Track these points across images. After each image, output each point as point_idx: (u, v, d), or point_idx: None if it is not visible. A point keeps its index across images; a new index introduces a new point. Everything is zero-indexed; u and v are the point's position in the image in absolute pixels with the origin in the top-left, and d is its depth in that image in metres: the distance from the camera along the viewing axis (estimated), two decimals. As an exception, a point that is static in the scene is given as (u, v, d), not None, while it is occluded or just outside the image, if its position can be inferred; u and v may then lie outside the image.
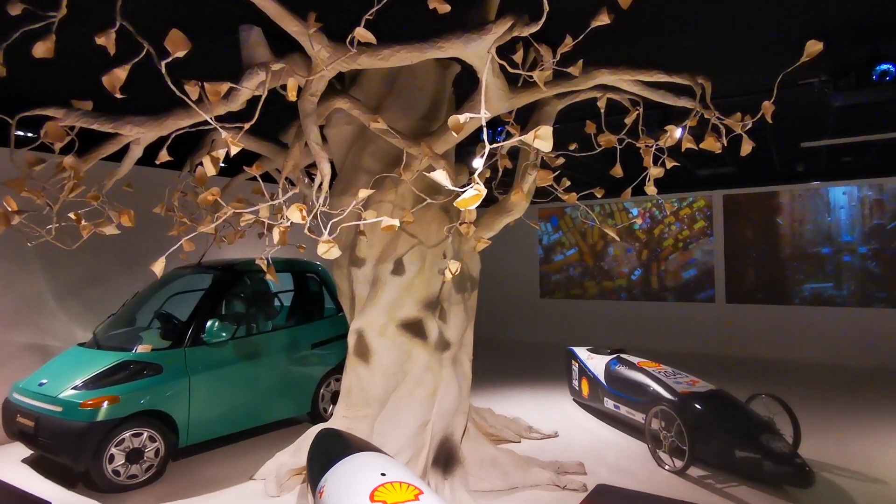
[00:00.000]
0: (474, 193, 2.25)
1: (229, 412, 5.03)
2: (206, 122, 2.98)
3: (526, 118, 4.71)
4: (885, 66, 4.26)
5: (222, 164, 7.47)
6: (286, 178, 4.71)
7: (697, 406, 4.60)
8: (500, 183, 4.81)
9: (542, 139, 2.49)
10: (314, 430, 4.16)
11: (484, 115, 2.60)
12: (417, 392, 4.31)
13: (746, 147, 4.00)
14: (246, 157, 4.13)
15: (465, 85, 4.29)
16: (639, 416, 5.14)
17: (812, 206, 9.65)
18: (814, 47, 3.12)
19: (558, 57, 3.89)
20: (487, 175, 5.01)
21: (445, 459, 4.15)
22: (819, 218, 9.59)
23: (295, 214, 3.01)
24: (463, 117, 2.53)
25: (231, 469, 4.68)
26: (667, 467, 4.57)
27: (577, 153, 4.44)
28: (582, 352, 6.45)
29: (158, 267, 3.15)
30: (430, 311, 4.46)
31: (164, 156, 3.52)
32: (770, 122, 3.73)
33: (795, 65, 3.19)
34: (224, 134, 2.80)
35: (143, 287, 5.71)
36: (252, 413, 5.26)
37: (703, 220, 10.53)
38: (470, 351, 4.78)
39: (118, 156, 3.92)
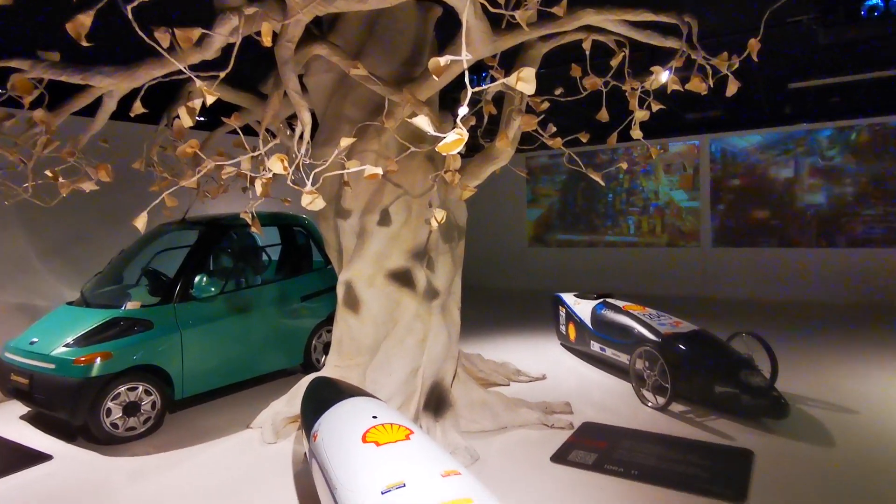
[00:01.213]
0: (456, 138, 2.23)
1: (223, 365, 5.11)
2: (180, 73, 2.88)
3: (511, 63, 4.60)
4: (873, 2, 4.19)
5: (201, 119, 7.36)
6: (267, 130, 4.64)
7: (680, 346, 4.75)
8: (486, 131, 4.75)
9: (525, 81, 2.45)
10: (307, 380, 4.26)
11: (465, 58, 2.54)
12: (407, 340, 4.39)
13: (732, 88, 3.97)
14: (226, 111, 4.02)
15: (448, 28, 4.16)
16: (624, 357, 5.30)
17: (798, 149, 9.66)
18: (801, -19, 3.05)
19: (542, -4, 3.78)
20: (472, 122, 4.95)
21: (436, 403, 4.28)
22: (803, 161, 9.62)
23: (276, 165, 2.97)
24: (444, 60, 2.48)
25: (228, 419, 4.80)
26: (650, 404, 4.75)
27: (563, 98, 4.38)
28: (569, 297, 6.56)
29: (141, 222, 3.12)
30: (417, 261, 4.49)
31: (138, 108, 3.41)
32: (756, 60, 3.68)
33: (779, 3, 3.12)
34: (199, 83, 2.71)
35: (128, 244, 5.67)
36: (245, 365, 5.35)
37: (689, 165, 10.53)
38: (458, 299, 4.85)
39: (92, 110, 3.81)
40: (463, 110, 5.69)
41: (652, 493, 3.34)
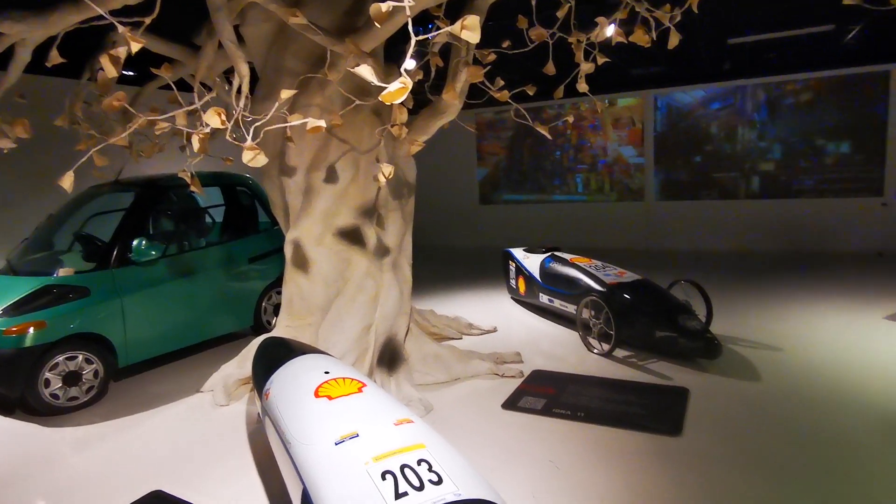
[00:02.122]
0: (400, 86, 2.19)
1: (168, 330, 4.98)
2: (101, 19, 2.67)
3: (457, 14, 4.49)
4: (807, -45, 4.28)
5: (130, 73, 6.90)
6: (203, 84, 4.40)
7: (623, 294, 4.95)
8: (434, 86, 4.67)
9: (469, 30, 2.40)
10: (258, 341, 4.20)
11: (408, 4, 2.47)
12: (359, 297, 4.38)
13: (674, 40, 4.03)
14: (158, 65, 3.78)
15: (391, -25, 3.98)
16: (571, 308, 5.49)
17: (735, 105, 9.98)
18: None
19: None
20: (420, 76, 4.84)
21: (390, 358, 4.33)
22: (742, 116, 9.97)
23: (213, 119, 2.83)
24: (385, 6, 2.39)
25: (177, 384, 4.71)
26: (595, 351, 4.97)
27: (510, 50, 4.34)
28: (518, 252, 6.69)
29: (67, 182, 2.94)
30: (367, 218, 4.45)
31: (55, 57, 3.16)
32: (696, 11, 3.74)
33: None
34: (121, 29, 2.52)
35: (57, 208, 5.34)
36: (192, 330, 5.22)
37: (634, 120, 10.73)
38: (409, 255, 4.85)
39: (4, 62, 3.49)
40: (409, 63, 5.57)
41: (596, 432, 3.53)
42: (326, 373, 2.71)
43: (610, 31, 4.11)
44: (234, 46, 3.41)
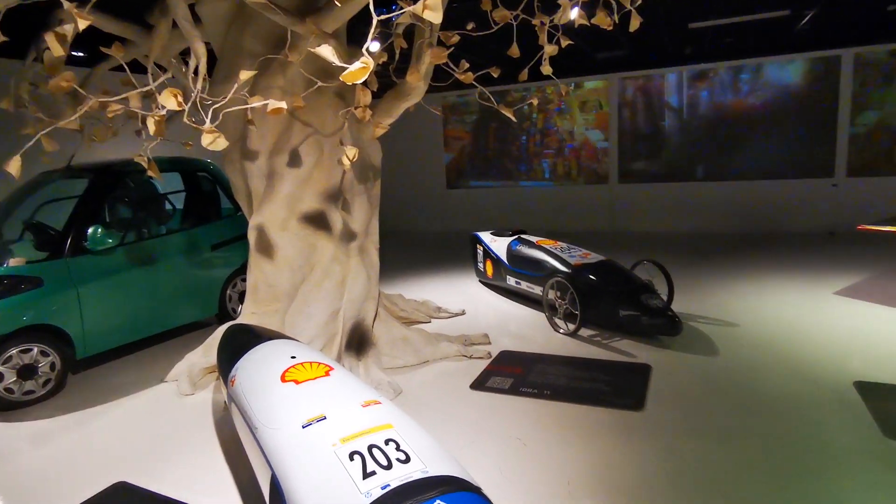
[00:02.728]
0: (361, 66, 2.16)
1: (129, 320, 4.84)
2: (44, -6, 2.54)
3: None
4: (762, -60, 4.37)
5: (80, 54, 6.61)
6: (159, 66, 4.24)
7: (588, 275, 5.05)
8: (400, 69, 4.62)
9: (431, 10, 2.39)
10: (224, 329, 4.13)
11: (369, -17, 2.43)
12: (326, 283, 4.35)
13: (635, 23, 4.07)
14: (111, 45, 3.62)
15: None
16: (537, 289, 5.56)
17: (698, 87, 10.18)
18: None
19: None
20: (385, 59, 4.78)
21: (358, 342, 4.32)
22: (702, 100, 10.18)
23: (169, 101, 2.75)
24: (344, -16, 2.35)
25: (140, 375, 4.60)
26: (561, 331, 5.06)
27: (475, 32, 4.32)
28: (486, 235, 6.73)
29: (14, 167, 2.82)
30: (332, 203, 4.40)
31: (-5, 34, 2.99)
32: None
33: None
34: (67, 5, 2.41)
35: (4, 196, 5.10)
36: (154, 319, 5.10)
37: (599, 104, 10.83)
38: (376, 239, 4.83)
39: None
40: (374, 45, 5.50)
41: (562, 409, 3.61)
42: (293, 357, 2.70)
43: (573, 13, 4.13)
44: (190, 26, 3.30)
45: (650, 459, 2.99)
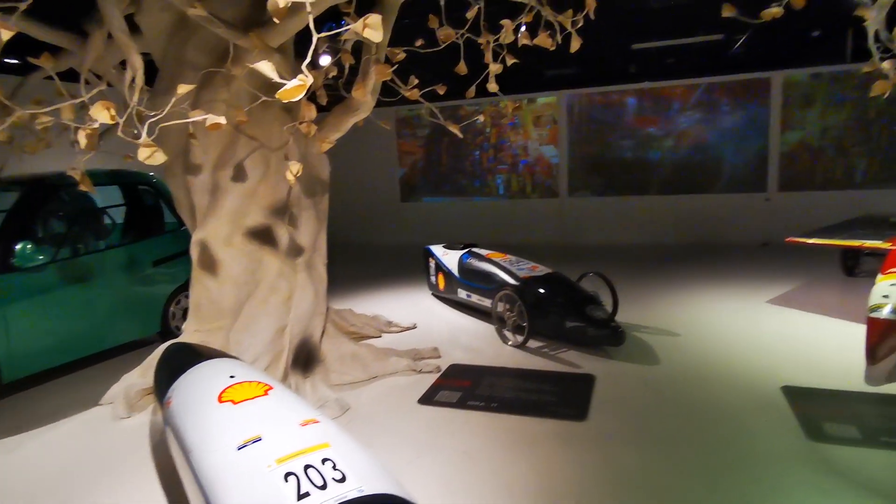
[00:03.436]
0: (298, 83, 2.16)
1: (61, 341, 4.61)
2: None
3: (370, 11, 4.48)
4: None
5: (14, 61, 6.33)
6: (98, 75, 4.11)
7: (535, 287, 5.15)
8: (350, 84, 4.62)
9: (371, 28, 2.41)
10: (163, 348, 4.00)
11: (309, 0, 2.45)
12: (272, 299, 4.27)
13: (575, 44, 4.23)
14: (51, 53, 3.49)
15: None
16: (488, 302, 5.63)
17: (642, 105, 10.58)
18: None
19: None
20: (334, 73, 4.78)
21: (305, 359, 4.26)
22: (646, 117, 10.59)
23: (101, 113, 2.66)
24: (283, 1, 2.36)
25: (73, 398, 4.38)
26: (510, 343, 5.13)
27: (423, 49, 4.38)
28: (438, 249, 6.77)
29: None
30: (278, 217, 4.34)
31: (-86, 43, 2.84)
32: (593, 17, 3.95)
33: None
34: (-10, 14, 2.32)
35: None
36: (90, 339, 4.87)
37: (553, 119, 11.08)
38: (324, 254, 4.78)
39: None
40: (325, 59, 5.48)
41: (508, 421, 3.66)
42: (231, 377, 2.64)
43: (517, 33, 4.25)
44: (126, 37, 3.22)
45: (591, 468, 3.07)
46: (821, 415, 3.50)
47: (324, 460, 1.91)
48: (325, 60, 5.01)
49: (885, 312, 4.00)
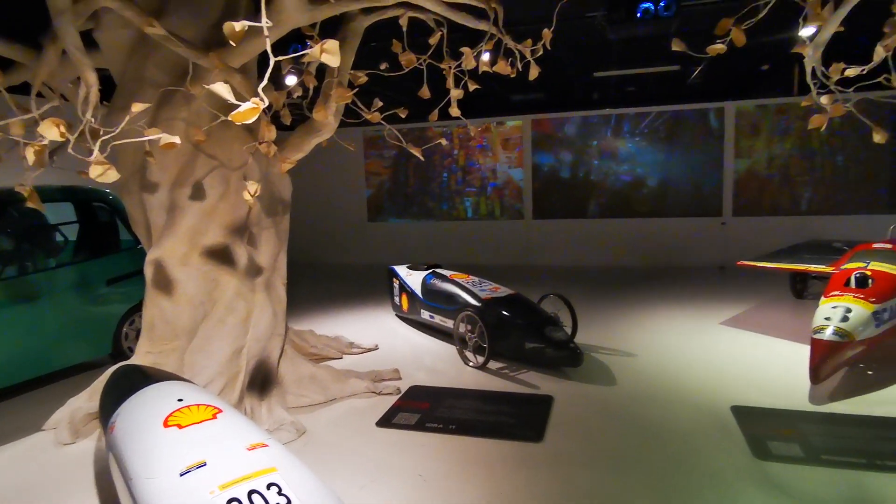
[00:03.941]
0: (251, 106, 2.18)
1: (6, 362, 4.42)
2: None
3: (333, 34, 4.54)
4: (646, 5, 4.87)
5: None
6: (50, 88, 4.03)
7: (496, 308, 5.20)
8: (314, 104, 4.64)
9: (329, 53, 2.45)
10: (111, 370, 3.87)
11: (265, 24, 2.48)
12: (229, 319, 4.20)
13: (534, 72, 4.36)
14: (4, 66, 3.41)
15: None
16: (450, 323, 5.65)
17: (602, 132, 10.89)
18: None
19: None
20: (299, 93, 4.79)
21: (262, 382, 4.18)
22: (609, 143, 10.90)
23: (50, 130, 2.61)
24: (239, 25, 2.38)
25: (15, 423, 4.19)
26: (471, 364, 5.15)
27: (388, 73, 4.44)
28: (402, 269, 6.78)
29: None
30: (237, 237, 4.29)
31: None
32: (549, 48, 4.09)
33: (569, -4, 3.48)
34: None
35: None
36: (36, 361, 4.69)
37: (517, 143, 11.28)
38: (284, 275, 4.74)
39: None
40: (291, 79, 5.47)
41: (466, 443, 3.66)
42: (179, 400, 2.58)
43: (483, 58, 4.36)
44: (80, 54, 3.18)
45: (546, 490, 3.09)
46: (767, 434, 3.61)
47: (269, 485, 1.89)
48: (291, 80, 5.02)
49: (826, 334, 4.19)
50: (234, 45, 3.24)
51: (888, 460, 3.21)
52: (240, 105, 2.27)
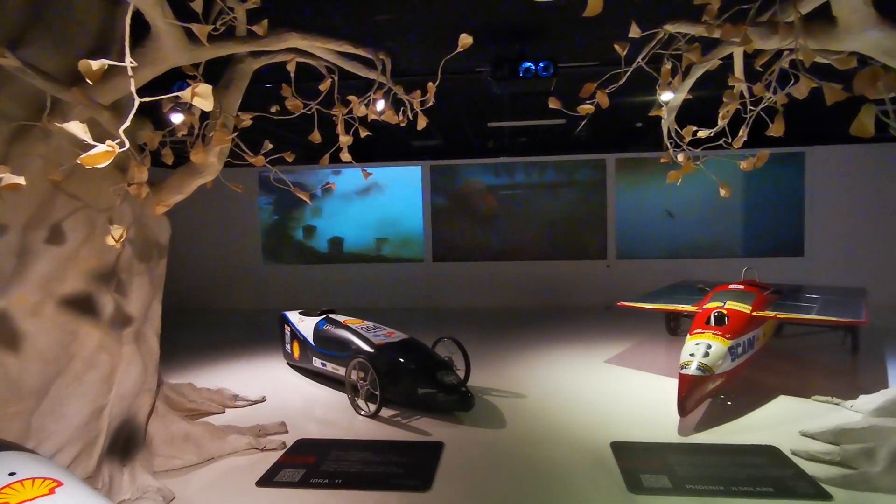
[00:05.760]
0: (105, 150, 2.05)
1: None
2: None
3: (220, 75, 4.44)
4: (527, 65, 5.24)
5: None
6: None
7: (389, 354, 5.14)
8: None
9: (201, 97, 2.38)
10: (-64, 440, 3.33)
11: (129, 64, 2.38)
12: (88, 376, 3.79)
13: (422, 122, 4.50)
14: None
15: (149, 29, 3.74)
16: (342, 370, 5.48)
17: (496, 178, 11.42)
18: (465, 40, 3.60)
19: (242, 13, 3.74)
20: (184, 132, 4.58)
21: (125, 444, 3.78)
22: (502, 189, 11.43)
23: None
24: (97, 63, 2.27)
25: None
26: (363, 413, 5.01)
27: (277, 116, 4.38)
28: (294, 315, 6.54)
29: None
30: (102, 284, 3.94)
31: None
32: (436, 100, 4.26)
33: (452, 53, 3.66)
34: None
35: None
36: None
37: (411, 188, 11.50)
38: (157, 325, 4.39)
39: None
40: (177, 117, 5.21)
41: (352, 498, 3.52)
42: (11, 474, 2.25)
43: (379, 106, 4.44)
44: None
45: (431, 542, 3.02)
46: (640, 468, 3.81)
47: (106, 569, 1.68)
48: (177, 118, 4.81)
49: (691, 369, 4.56)
50: (91, 83, 3.07)
51: (742, 485, 3.50)
52: (95, 146, 2.13)
